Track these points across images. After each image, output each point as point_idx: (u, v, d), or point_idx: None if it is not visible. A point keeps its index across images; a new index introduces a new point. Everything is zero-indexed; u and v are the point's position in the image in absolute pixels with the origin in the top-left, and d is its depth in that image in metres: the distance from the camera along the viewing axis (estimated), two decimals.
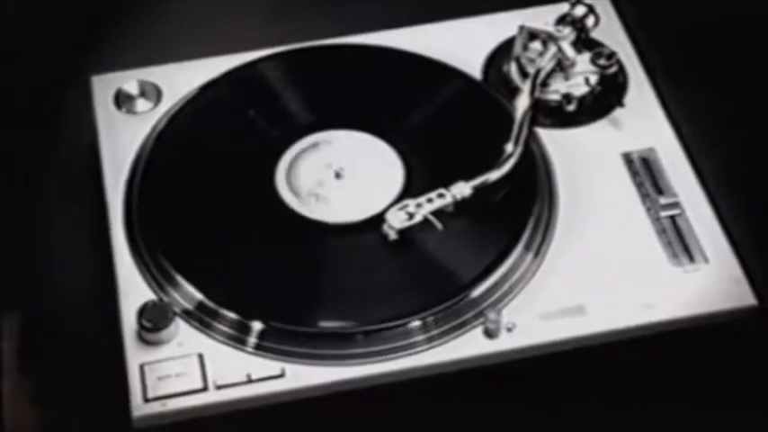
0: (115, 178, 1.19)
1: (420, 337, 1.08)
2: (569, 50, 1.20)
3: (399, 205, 1.12)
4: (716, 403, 1.13)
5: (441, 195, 1.13)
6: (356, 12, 1.36)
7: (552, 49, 1.20)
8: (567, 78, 1.22)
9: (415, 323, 1.08)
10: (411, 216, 1.11)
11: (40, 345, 1.17)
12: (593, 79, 1.22)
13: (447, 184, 1.14)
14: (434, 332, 1.08)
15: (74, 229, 1.23)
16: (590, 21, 1.22)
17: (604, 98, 1.23)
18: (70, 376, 1.14)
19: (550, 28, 1.21)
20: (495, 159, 1.16)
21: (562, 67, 1.21)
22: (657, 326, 1.10)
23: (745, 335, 1.13)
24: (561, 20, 1.22)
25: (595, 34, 1.26)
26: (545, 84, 1.22)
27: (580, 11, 1.22)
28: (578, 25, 1.21)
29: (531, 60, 1.21)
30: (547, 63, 1.20)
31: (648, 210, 1.16)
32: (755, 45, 1.21)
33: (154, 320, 1.07)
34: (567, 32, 1.21)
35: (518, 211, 1.14)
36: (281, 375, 1.07)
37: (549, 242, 1.14)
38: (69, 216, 1.24)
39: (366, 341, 1.07)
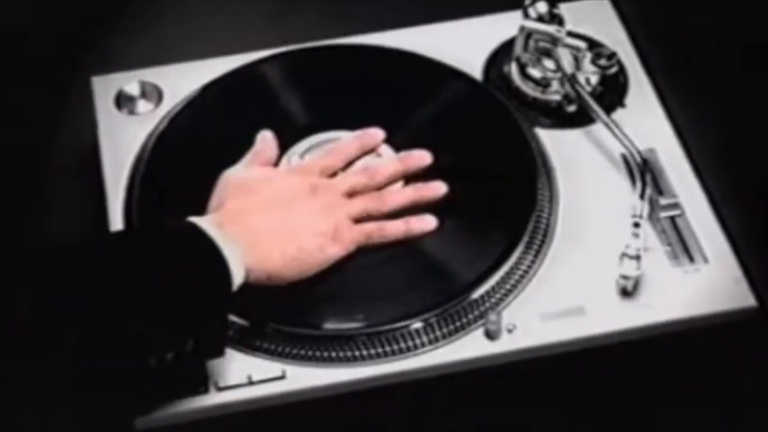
0: (115, 179, 1.19)
1: (421, 339, 1.08)
2: (576, 41, 1.21)
3: None
4: (715, 403, 1.14)
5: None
6: (357, 12, 1.36)
7: (563, 51, 1.21)
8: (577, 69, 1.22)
9: (417, 325, 1.08)
10: None
11: None
12: (594, 79, 1.23)
13: (447, 184, 1.15)
14: (436, 334, 1.08)
15: (74, 229, 1.23)
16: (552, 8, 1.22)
17: (604, 98, 1.23)
18: None
19: (551, 28, 1.21)
20: (496, 159, 1.18)
21: (577, 59, 1.21)
22: (657, 326, 1.10)
23: (744, 335, 1.13)
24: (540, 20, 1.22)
25: (595, 34, 1.26)
26: (546, 84, 1.22)
27: (542, 7, 1.22)
28: (555, 19, 1.22)
29: (553, 71, 1.22)
30: (570, 67, 1.21)
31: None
32: (755, 45, 1.21)
33: None
34: (563, 31, 1.21)
35: (518, 211, 1.15)
36: (282, 377, 1.07)
37: (549, 243, 1.14)
38: (69, 216, 1.24)
39: (367, 343, 1.07)
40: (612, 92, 1.24)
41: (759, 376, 1.14)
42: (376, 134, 1.19)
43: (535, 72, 1.23)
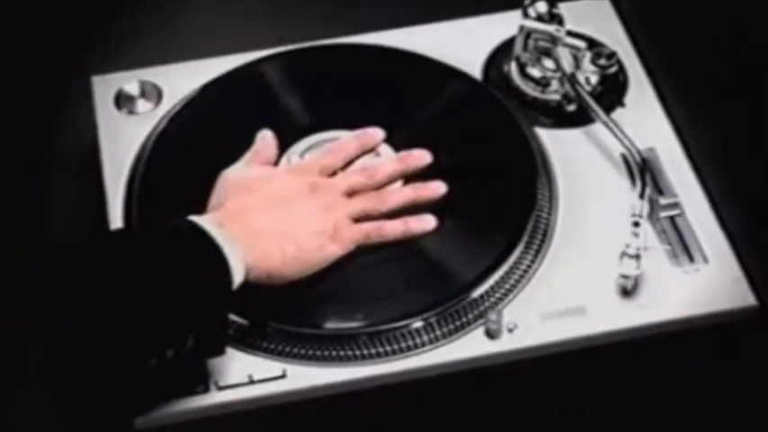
0: (115, 178, 1.19)
1: (421, 338, 1.08)
2: (575, 41, 1.21)
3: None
4: (715, 403, 1.14)
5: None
6: (356, 12, 1.36)
7: (563, 51, 1.21)
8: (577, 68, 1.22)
9: (417, 324, 1.08)
10: None
11: None
12: (593, 79, 1.23)
13: (447, 184, 1.15)
14: (436, 333, 1.08)
15: (74, 229, 1.23)
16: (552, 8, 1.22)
17: (604, 98, 1.23)
18: None
19: (551, 28, 1.21)
20: (496, 159, 1.18)
21: (576, 59, 1.21)
22: (657, 326, 1.10)
23: (744, 335, 1.13)
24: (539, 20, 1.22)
25: (595, 34, 1.26)
26: (546, 83, 1.22)
27: (542, 7, 1.22)
28: (555, 18, 1.22)
29: (552, 70, 1.21)
30: (569, 66, 1.21)
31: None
32: (755, 45, 1.21)
33: None
34: (563, 30, 1.21)
35: (518, 211, 1.15)
36: (283, 376, 1.07)
37: (549, 242, 1.14)
38: (69, 216, 1.24)
39: (367, 342, 1.07)
40: (612, 91, 1.24)
41: (759, 376, 1.14)
42: (375, 134, 1.19)
43: (535, 71, 1.23)
